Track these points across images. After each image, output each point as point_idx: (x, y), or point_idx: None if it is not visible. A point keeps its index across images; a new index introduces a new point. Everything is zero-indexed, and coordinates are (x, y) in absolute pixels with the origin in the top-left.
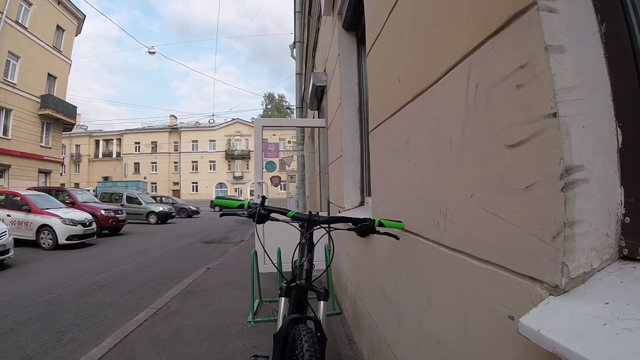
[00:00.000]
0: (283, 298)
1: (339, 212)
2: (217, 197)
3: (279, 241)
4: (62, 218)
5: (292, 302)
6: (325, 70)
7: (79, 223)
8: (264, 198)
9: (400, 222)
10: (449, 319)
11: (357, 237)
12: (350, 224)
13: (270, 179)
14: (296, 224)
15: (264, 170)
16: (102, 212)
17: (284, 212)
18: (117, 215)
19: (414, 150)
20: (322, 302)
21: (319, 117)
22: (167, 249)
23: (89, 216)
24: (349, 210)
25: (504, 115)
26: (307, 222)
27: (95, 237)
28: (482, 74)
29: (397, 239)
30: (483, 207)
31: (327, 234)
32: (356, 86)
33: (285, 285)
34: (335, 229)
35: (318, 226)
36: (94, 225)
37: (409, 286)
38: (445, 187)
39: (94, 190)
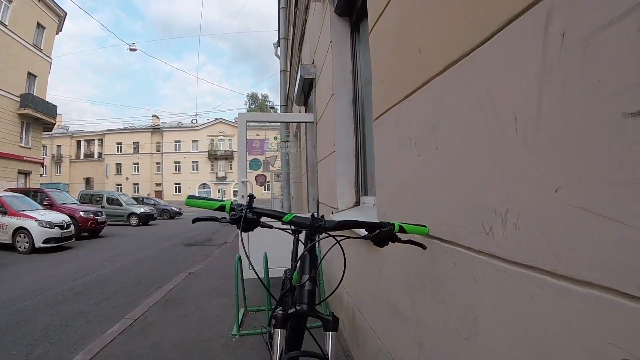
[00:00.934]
0: (279, 330)
1: (332, 213)
2: (189, 197)
3: (265, 243)
4: (38, 220)
5: (289, 331)
6: (313, 62)
7: (56, 225)
8: (251, 197)
9: (424, 226)
10: (512, 356)
11: (356, 240)
12: (364, 230)
13: (255, 177)
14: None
15: (249, 169)
16: (81, 213)
17: (278, 215)
18: (96, 217)
19: (446, 135)
20: (330, 333)
21: (306, 113)
22: (148, 252)
23: (67, 218)
24: (344, 211)
25: (617, 70)
26: (311, 230)
27: (74, 239)
28: (572, 18)
29: (424, 248)
30: (578, 206)
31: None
32: (350, 75)
33: (281, 313)
34: (347, 237)
35: (323, 234)
36: (71, 228)
37: (438, 307)
38: (506, 179)
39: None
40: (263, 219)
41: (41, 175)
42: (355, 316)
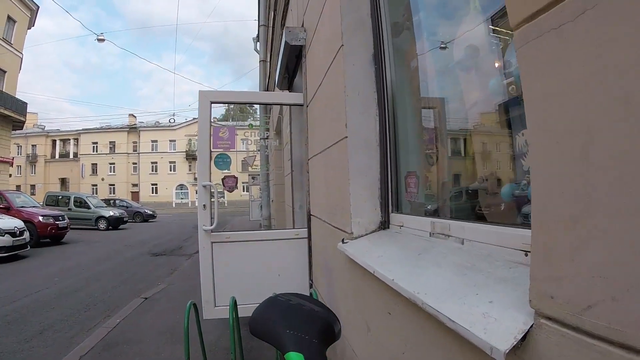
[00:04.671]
0: None
1: (343, 242)
2: None
3: (236, 270)
4: None
5: None
6: (303, 26)
7: (6, 232)
8: None
9: None
10: None
11: (396, 302)
12: None
13: (223, 180)
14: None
15: (214, 168)
16: (40, 218)
17: None
18: (57, 222)
19: None
20: None
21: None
22: (108, 263)
23: (20, 223)
24: (363, 238)
25: None
26: None
27: (29, 247)
28: None
29: None
30: None
31: None
32: (368, 18)
33: None
34: None
35: None
36: (25, 235)
37: None
38: None
39: None
40: None
41: (10, 175)
42: None
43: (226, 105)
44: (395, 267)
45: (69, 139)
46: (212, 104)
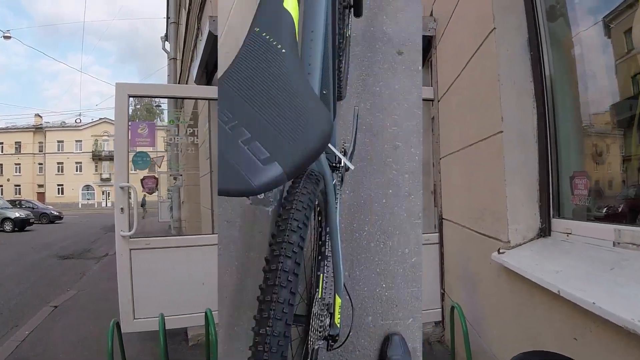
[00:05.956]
0: None
1: (499, 252)
2: None
3: (159, 279)
4: None
5: None
6: (432, 15)
7: None
8: None
9: None
10: None
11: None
12: None
13: (142, 181)
14: None
15: (132, 168)
16: None
17: None
18: None
19: None
20: None
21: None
22: (13, 267)
23: None
24: (521, 247)
25: None
26: None
27: None
28: None
29: None
30: None
31: None
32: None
33: None
34: None
35: None
36: None
37: None
38: None
39: None
40: None
41: None
42: None
43: (134, 105)
44: (586, 286)
45: None
46: (130, 98)
